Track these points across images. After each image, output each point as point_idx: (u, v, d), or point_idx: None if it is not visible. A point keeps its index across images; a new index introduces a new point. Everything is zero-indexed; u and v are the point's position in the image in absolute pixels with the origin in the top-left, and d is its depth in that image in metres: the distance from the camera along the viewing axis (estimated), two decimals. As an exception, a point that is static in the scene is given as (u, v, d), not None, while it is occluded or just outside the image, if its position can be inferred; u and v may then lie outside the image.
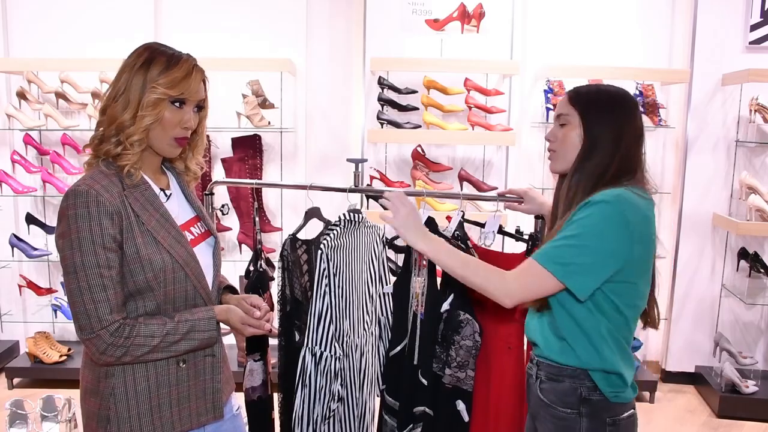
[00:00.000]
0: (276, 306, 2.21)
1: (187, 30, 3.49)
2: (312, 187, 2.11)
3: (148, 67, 1.36)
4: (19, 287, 3.55)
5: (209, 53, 3.28)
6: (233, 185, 3.42)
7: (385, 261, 2.13)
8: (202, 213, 1.53)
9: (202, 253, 1.47)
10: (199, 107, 1.44)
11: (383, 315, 2.12)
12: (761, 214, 3.27)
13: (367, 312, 2.04)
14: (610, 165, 1.41)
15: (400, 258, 3.41)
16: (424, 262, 1.96)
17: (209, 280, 1.49)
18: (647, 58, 3.49)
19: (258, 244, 2.24)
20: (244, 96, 3.39)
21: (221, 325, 1.49)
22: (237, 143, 3.47)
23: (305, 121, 3.60)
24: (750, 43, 3.39)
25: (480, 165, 3.61)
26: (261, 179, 3.49)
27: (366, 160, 2.37)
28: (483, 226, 2.00)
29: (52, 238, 3.51)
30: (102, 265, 1.28)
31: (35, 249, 3.47)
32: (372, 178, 3.44)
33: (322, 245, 1.84)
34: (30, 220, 3.50)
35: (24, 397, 2.81)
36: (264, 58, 3.44)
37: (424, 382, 1.92)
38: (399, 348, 2.04)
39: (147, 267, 1.33)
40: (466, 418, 1.90)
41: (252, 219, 3.06)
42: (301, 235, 2.14)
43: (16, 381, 3.43)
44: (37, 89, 3.47)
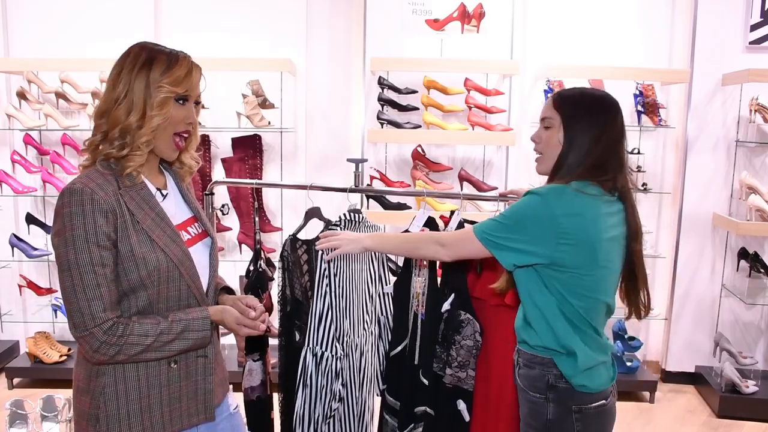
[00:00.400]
0: (276, 306, 2.21)
1: (187, 30, 3.49)
2: (312, 187, 2.11)
3: (149, 68, 1.36)
4: (19, 287, 3.55)
5: (209, 53, 3.28)
6: (233, 185, 3.42)
7: (385, 261, 2.13)
8: (199, 214, 1.53)
9: (198, 253, 1.46)
10: (197, 102, 1.46)
11: (383, 315, 2.12)
12: (761, 214, 3.27)
13: (367, 312, 2.04)
14: (582, 163, 1.50)
15: (400, 258, 3.41)
16: (424, 262, 1.96)
17: (204, 280, 1.48)
18: (647, 58, 3.49)
19: (257, 244, 2.24)
20: (244, 96, 3.39)
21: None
22: (237, 143, 3.47)
23: (305, 121, 3.60)
24: (750, 43, 3.39)
25: (480, 165, 3.61)
26: (261, 179, 3.49)
27: (366, 160, 2.37)
28: None
29: (52, 238, 3.51)
30: (96, 263, 1.28)
31: (35, 249, 3.47)
32: (372, 178, 3.44)
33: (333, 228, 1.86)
34: (30, 220, 3.50)
35: (24, 397, 2.81)
36: (264, 58, 3.44)
37: (425, 382, 1.92)
38: (400, 348, 2.04)
39: (141, 265, 1.33)
40: (467, 417, 1.90)
41: (252, 219, 3.07)
42: (302, 235, 2.14)
43: (16, 381, 3.43)
44: (37, 89, 3.47)
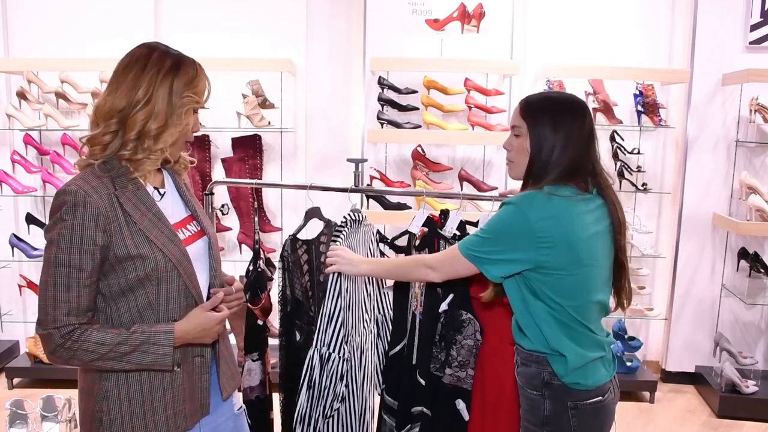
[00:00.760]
0: (276, 306, 2.22)
1: (187, 30, 3.49)
2: (312, 187, 2.12)
3: (174, 76, 1.36)
4: (19, 287, 3.55)
5: (209, 53, 3.28)
6: (233, 185, 3.42)
7: (379, 258, 2.13)
8: (196, 212, 1.52)
9: (195, 252, 1.45)
10: None
11: (380, 313, 2.12)
12: (761, 214, 3.27)
13: (366, 311, 2.04)
14: (553, 168, 1.51)
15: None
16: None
17: (203, 279, 1.47)
18: (647, 58, 3.49)
19: (256, 244, 2.24)
20: (244, 96, 3.39)
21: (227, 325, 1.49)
22: (237, 143, 3.47)
23: (305, 121, 3.60)
24: (750, 43, 3.39)
25: (480, 165, 3.61)
26: (261, 179, 3.49)
27: (366, 160, 2.37)
28: (476, 225, 2.00)
29: (52, 238, 3.51)
30: (73, 266, 1.28)
31: (35, 249, 3.47)
32: (372, 178, 3.44)
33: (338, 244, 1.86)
34: (30, 220, 3.50)
35: (24, 397, 2.81)
36: (264, 58, 3.44)
37: (421, 381, 1.92)
38: (398, 348, 2.04)
39: (139, 265, 1.33)
40: (466, 417, 1.90)
41: (252, 219, 3.07)
42: (302, 236, 2.14)
43: (16, 381, 3.43)
44: (37, 89, 3.47)
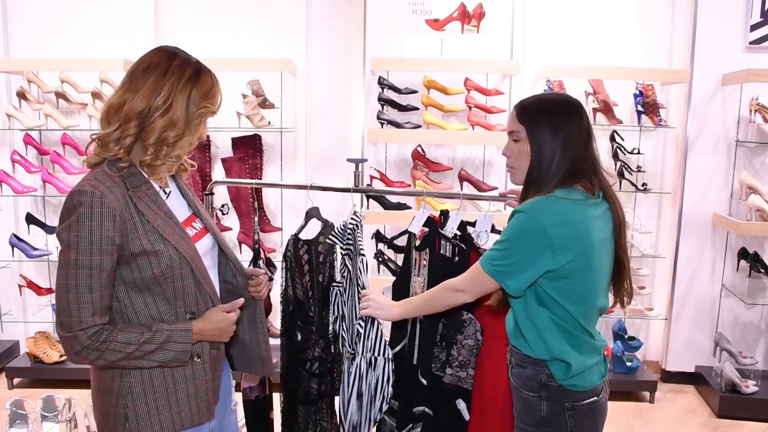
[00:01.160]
0: (278, 306, 2.22)
1: (187, 30, 3.49)
2: (313, 187, 2.12)
3: (193, 86, 1.39)
4: (19, 287, 3.55)
5: (209, 53, 3.26)
6: (233, 185, 3.42)
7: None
8: (198, 210, 1.55)
9: (203, 249, 1.49)
10: None
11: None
12: (761, 214, 3.27)
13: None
14: (556, 171, 1.50)
15: (400, 258, 3.41)
16: (424, 262, 1.96)
17: (213, 275, 1.52)
18: (647, 58, 3.49)
19: (256, 244, 2.24)
20: (244, 96, 3.39)
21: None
22: (237, 143, 3.47)
23: (305, 121, 3.60)
24: (750, 43, 3.39)
25: (480, 165, 3.61)
26: (261, 179, 3.49)
27: (366, 160, 2.37)
28: (474, 225, 2.00)
29: (52, 238, 3.51)
30: (94, 267, 1.30)
31: (35, 249, 3.47)
32: (372, 178, 3.43)
33: (363, 253, 1.92)
34: (30, 220, 3.50)
35: (24, 397, 2.81)
36: (264, 58, 3.44)
37: (423, 381, 1.92)
38: (398, 348, 2.04)
39: (154, 263, 1.35)
40: (466, 416, 1.90)
41: (252, 219, 3.06)
42: (303, 236, 2.15)
43: (16, 381, 3.43)
44: (37, 89, 3.47)
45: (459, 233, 1.96)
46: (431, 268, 1.95)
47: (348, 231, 2.01)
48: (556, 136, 1.50)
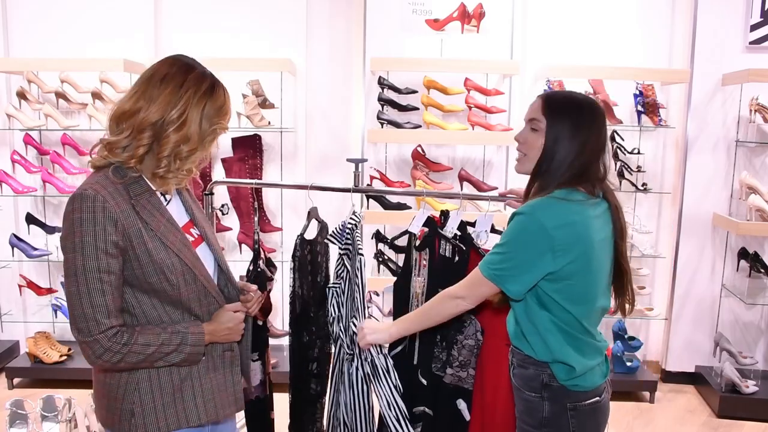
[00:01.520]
0: (286, 307, 2.23)
1: (187, 30, 3.49)
2: (313, 187, 2.12)
3: (206, 100, 1.39)
4: (19, 287, 3.54)
5: (209, 53, 3.28)
6: (233, 185, 3.42)
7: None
8: (194, 216, 1.55)
9: (202, 254, 1.50)
10: None
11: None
12: (761, 214, 3.27)
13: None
14: (566, 171, 1.50)
15: (400, 258, 3.41)
16: (424, 262, 1.96)
17: (214, 279, 1.53)
18: (647, 58, 3.49)
19: (256, 244, 2.24)
20: (244, 96, 3.39)
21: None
22: (237, 143, 3.47)
23: (305, 121, 3.60)
24: (750, 43, 3.39)
25: (480, 165, 3.61)
26: (261, 179, 3.49)
27: (366, 160, 2.38)
28: (474, 225, 2.00)
29: (52, 238, 3.51)
30: (102, 270, 1.30)
31: (35, 249, 3.47)
32: (372, 178, 3.43)
33: (361, 252, 1.91)
34: (30, 220, 3.50)
35: (24, 397, 2.81)
36: (264, 58, 3.44)
37: (423, 382, 1.92)
38: (399, 348, 2.04)
39: (159, 270, 1.36)
40: (467, 416, 1.90)
41: (252, 219, 3.06)
42: (307, 236, 2.16)
43: (16, 381, 3.43)
44: (37, 89, 3.47)
45: (459, 233, 1.96)
46: (431, 268, 1.95)
47: (347, 231, 2.01)
48: (573, 139, 1.49)
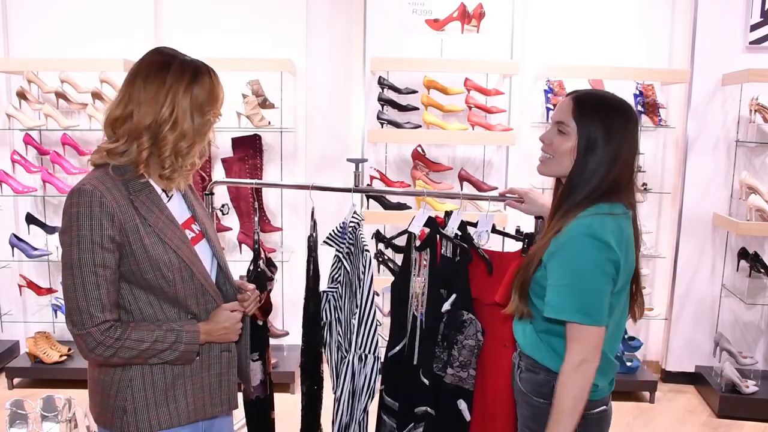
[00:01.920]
0: (288, 307, 2.23)
1: (187, 30, 3.49)
2: (314, 187, 2.12)
3: (192, 89, 1.38)
4: (19, 287, 3.54)
5: (209, 53, 3.27)
6: (233, 185, 3.42)
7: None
8: (195, 213, 1.56)
9: (201, 251, 1.50)
10: None
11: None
12: (761, 214, 3.27)
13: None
14: (602, 185, 1.43)
15: (399, 258, 3.41)
16: (424, 262, 1.96)
17: (212, 276, 1.53)
18: (647, 58, 3.49)
19: (256, 244, 2.24)
20: (244, 96, 3.39)
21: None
22: (237, 143, 3.47)
23: (305, 121, 3.60)
24: (750, 43, 3.39)
25: (480, 165, 3.61)
26: (261, 179, 3.49)
27: (366, 160, 2.37)
28: (476, 225, 2.00)
29: (52, 238, 3.51)
30: (98, 264, 1.31)
31: (35, 249, 3.47)
32: (372, 178, 3.43)
33: (367, 248, 1.90)
34: (30, 220, 3.49)
35: (24, 397, 2.81)
36: (264, 58, 3.44)
37: (425, 382, 1.92)
38: (398, 348, 2.04)
39: (155, 267, 1.36)
40: (467, 417, 1.90)
41: (252, 219, 3.06)
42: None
43: (16, 381, 3.43)
44: (37, 89, 3.47)
45: (459, 233, 1.96)
46: (431, 268, 1.95)
47: (348, 231, 2.01)
48: (607, 145, 1.41)
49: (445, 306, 1.87)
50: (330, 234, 2.10)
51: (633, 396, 3.43)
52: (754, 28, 3.37)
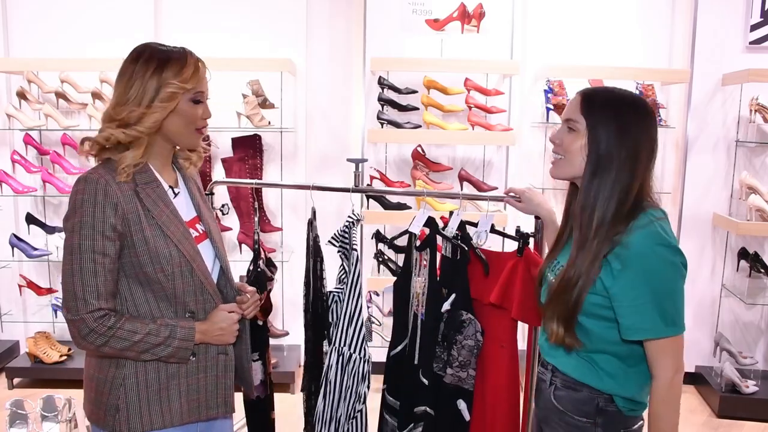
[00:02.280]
0: (303, 307, 2.23)
1: (187, 30, 3.49)
2: (315, 188, 2.12)
3: (161, 72, 1.39)
4: (19, 287, 3.54)
5: (209, 53, 3.24)
6: (233, 185, 3.42)
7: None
8: (201, 214, 1.56)
9: (204, 251, 1.50)
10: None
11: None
12: (761, 214, 3.27)
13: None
14: (631, 185, 1.33)
15: (400, 258, 3.41)
16: (424, 262, 1.96)
17: (214, 277, 1.53)
18: (647, 58, 3.49)
19: (256, 244, 2.24)
20: (244, 96, 3.39)
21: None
22: (237, 143, 3.47)
23: (305, 121, 3.60)
24: (750, 43, 3.39)
25: (480, 165, 3.61)
26: (261, 179, 3.49)
27: (366, 160, 2.37)
28: (476, 225, 2.00)
29: (52, 238, 3.51)
30: (97, 251, 1.32)
31: (35, 249, 3.47)
32: (372, 178, 3.43)
33: (355, 247, 1.87)
34: (30, 220, 3.50)
35: (24, 397, 2.81)
36: (264, 58, 3.44)
37: (425, 381, 1.92)
38: (399, 348, 2.04)
39: (155, 259, 1.37)
40: (467, 417, 1.90)
41: (252, 219, 3.06)
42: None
43: (16, 381, 3.43)
44: (37, 89, 3.47)
45: (458, 233, 1.96)
46: (432, 268, 1.95)
47: (344, 230, 2.01)
48: (623, 138, 1.33)
49: (445, 306, 1.87)
50: (333, 234, 2.10)
51: (633, 396, 3.43)
52: (754, 28, 3.37)
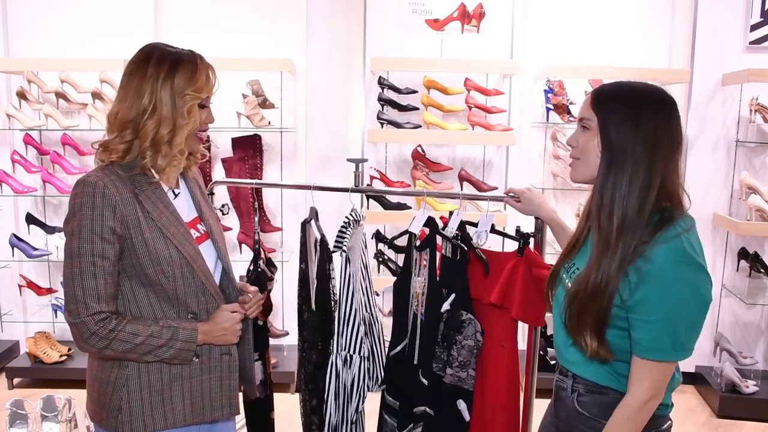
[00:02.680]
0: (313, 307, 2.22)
1: (187, 30, 3.49)
2: (315, 188, 2.12)
3: (173, 77, 1.39)
4: (19, 287, 3.55)
5: (209, 53, 3.23)
6: (233, 185, 3.42)
7: (366, 257, 2.14)
8: (203, 214, 1.56)
9: (205, 251, 1.50)
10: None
11: (367, 311, 2.13)
12: (761, 214, 3.27)
13: (366, 309, 2.04)
14: (650, 182, 1.24)
15: (400, 258, 3.41)
16: (424, 262, 1.96)
17: (216, 277, 1.53)
18: (647, 58, 3.49)
19: (256, 244, 2.24)
20: (244, 96, 3.39)
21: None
22: (237, 143, 3.47)
23: (305, 121, 3.60)
24: (750, 43, 3.39)
25: (480, 165, 3.61)
26: (261, 179, 3.49)
27: (366, 160, 2.37)
28: (476, 225, 2.00)
29: (52, 238, 3.51)
30: (96, 254, 1.32)
31: (35, 249, 3.47)
32: (372, 178, 3.43)
33: (345, 247, 1.86)
34: (30, 220, 3.50)
35: (24, 397, 2.81)
36: (264, 58, 3.44)
37: (424, 382, 1.92)
38: (399, 348, 2.04)
39: (155, 261, 1.37)
40: (467, 417, 1.90)
41: (252, 219, 3.06)
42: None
43: (16, 381, 3.43)
44: (37, 89, 3.47)
45: (459, 233, 1.96)
46: (431, 268, 1.95)
47: (342, 229, 2.00)
48: (637, 129, 1.25)
49: (445, 306, 1.87)
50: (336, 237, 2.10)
51: (633, 396, 3.43)
52: (754, 28, 3.37)
